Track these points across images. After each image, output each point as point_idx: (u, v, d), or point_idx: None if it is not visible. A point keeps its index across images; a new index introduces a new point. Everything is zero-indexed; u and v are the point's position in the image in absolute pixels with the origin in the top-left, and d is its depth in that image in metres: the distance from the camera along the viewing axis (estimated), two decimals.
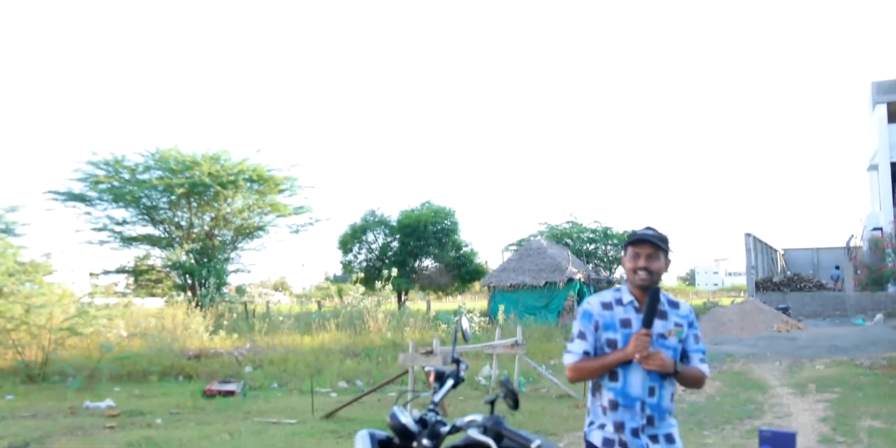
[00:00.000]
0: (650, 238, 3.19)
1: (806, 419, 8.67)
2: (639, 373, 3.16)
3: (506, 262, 27.14)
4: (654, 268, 3.19)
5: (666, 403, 3.20)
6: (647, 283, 3.18)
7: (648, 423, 3.15)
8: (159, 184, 23.77)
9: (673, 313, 3.24)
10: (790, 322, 23.05)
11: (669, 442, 3.20)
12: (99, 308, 15.05)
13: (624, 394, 3.17)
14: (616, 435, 3.17)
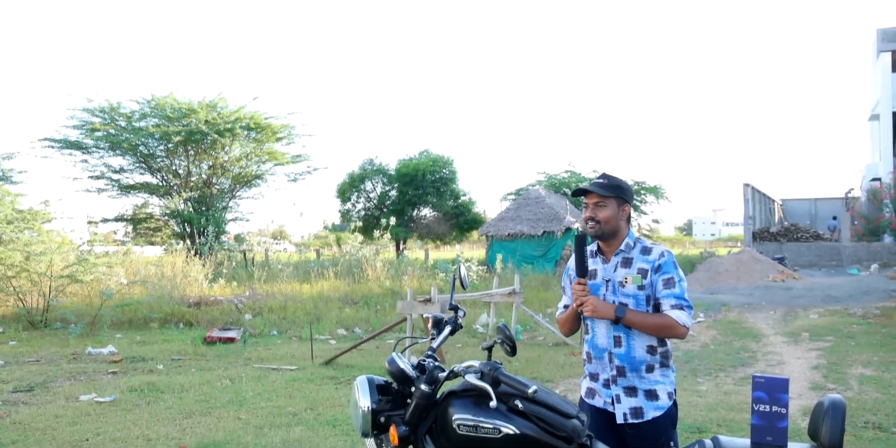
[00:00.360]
0: (591, 188, 3.16)
1: (798, 367, 8.80)
2: (602, 323, 3.16)
3: (504, 212, 27.15)
4: (600, 217, 3.14)
5: (638, 354, 3.10)
6: (597, 232, 3.17)
7: (619, 373, 3.12)
8: (156, 131, 23.58)
9: (640, 260, 3.16)
10: (786, 272, 23.21)
11: (650, 398, 3.10)
12: (98, 256, 15.11)
13: (593, 345, 3.24)
14: (593, 384, 3.28)
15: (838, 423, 2.43)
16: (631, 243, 3.21)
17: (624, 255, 3.19)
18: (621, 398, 3.12)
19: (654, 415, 3.08)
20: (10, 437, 5.96)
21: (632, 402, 3.10)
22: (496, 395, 2.50)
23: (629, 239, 3.21)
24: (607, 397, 3.16)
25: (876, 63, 33.59)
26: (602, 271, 3.20)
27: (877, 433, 5.81)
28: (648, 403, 3.09)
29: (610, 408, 3.15)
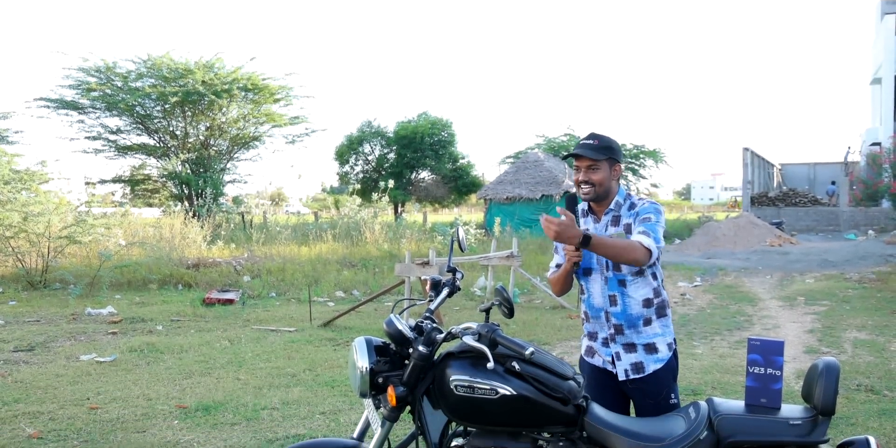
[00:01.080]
0: (582, 152, 3.10)
1: (793, 331, 8.87)
2: (597, 284, 3.16)
3: (502, 175, 27.10)
4: (594, 180, 3.12)
5: (635, 311, 3.10)
6: (591, 196, 3.14)
7: (617, 331, 3.12)
8: (152, 92, 23.38)
9: (627, 215, 3.15)
10: (783, 236, 23.26)
11: (650, 351, 3.11)
12: (96, 217, 15.10)
13: (590, 305, 3.21)
14: (592, 343, 3.25)
15: (832, 385, 2.45)
16: (621, 201, 3.19)
17: (614, 213, 3.18)
18: (621, 355, 3.12)
19: (655, 368, 3.09)
20: (11, 395, 6.02)
21: (631, 357, 3.10)
22: (493, 357, 2.52)
23: (619, 197, 3.19)
24: (607, 356, 3.16)
25: (880, 25, 33.22)
26: (594, 230, 3.17)
27: (869, 395, 5.87)
28: (648, 357, 3.10)
29: (609, 367, 3.16)
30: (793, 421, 2.46)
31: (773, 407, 2.56)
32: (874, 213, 27.76)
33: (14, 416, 5.45)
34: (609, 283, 3.12)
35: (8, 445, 4.80)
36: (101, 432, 5.10)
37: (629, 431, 2.59)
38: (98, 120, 25.22)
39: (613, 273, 3.12)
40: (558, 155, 31.52)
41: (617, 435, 2.58)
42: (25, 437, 4.98)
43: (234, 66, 24.97)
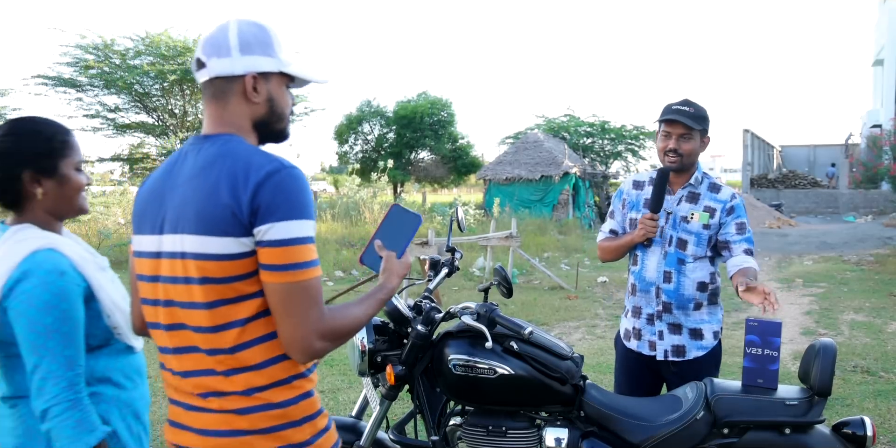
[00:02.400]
0: (681, 119, 2.94)
1: (791, 312, 8.90)
2: (654, 257, 3.04)
3: (502, 155, 27.03)
4: (684, 149, 2.98)
5: (688, 291, 3.00)
6: (678, 165, 3.01)
7: (665, 309, 3.02)
8: (151, 70, 23.25)
9: (708, 197, 3.04)
10: (782, 219, 23.27)
11: (694, 337, 3.02)
12: (95, 195, 15.10)
13: (640, 278, 3.09)
14: (634, 322, 3.13)
15: (828, 366, 2.46)
16: (699, 178, 3.08)
17: (691, 189, 3.07)
18: (664, 335, 3.04)
19: (697, 354, 3.02)
20: None
21: (675, 339, 3.03)
22: (492, 336, 2.53)
23: (698, 173, 3.08)
24: (651, 334, 3.06)
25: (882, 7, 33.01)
26: (665, 203, 3.04)
27: (865, 377, 5.91)
28: (692, 342, 3.02)
29: (647, 350, 3.07)
30: (789, 401, 2.48)
31: (770, 387, 2.57)
32: (874, 196, 27.75)
33: None
34: (668, 259, 3.02)
35: None
36: None
37: (627, 411, 2.61)
38: (96, 98, 25.12)
39: (676, 250, 3.02)
40: (558, 135, 31.46)
41: (614, 414, 2.60)
42: None
43: None
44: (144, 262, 1.67)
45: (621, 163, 33.93)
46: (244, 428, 1.58)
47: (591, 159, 32.07)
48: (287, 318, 1.54)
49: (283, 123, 1.74)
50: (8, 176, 1.87)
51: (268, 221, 1.51)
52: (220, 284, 1.55)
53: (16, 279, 1.77)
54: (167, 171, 1.68)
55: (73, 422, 1.72)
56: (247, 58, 1.63)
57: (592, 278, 11.66)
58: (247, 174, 1.52)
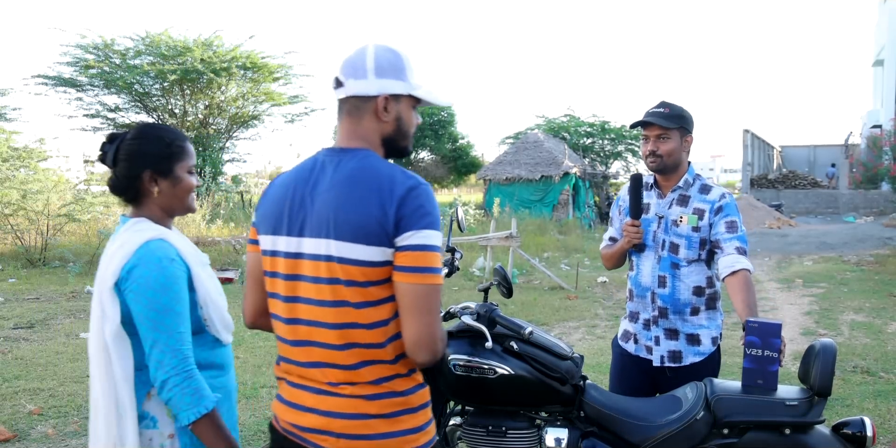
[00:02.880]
0: (652, 120, 2.94)
1: (791, 313, 8.90)
2: (649, 262, 3.03)
3: (502, 155, 27.02)
4: (663, 150, 2.96)
5: (683, 296, 2.97)
6: (658, 167, 2.99)
7: (661, 314, 2.99)
8: (151, 69, 23.23)
9: (698, 199, 3.00)
10: (782, 219, 23.27)
11: (692, 342, 2.98)
12: (95, 195, 15.07)
13: (636, 283, 3.09)
14: (632, 326, 3.12)
15: (828, 367, 2.46)
16: (690, 180, 3.04)
17: (682, 191, 3.03)
18: (660, 340, 3.01)
19: (693, 360, 2.98)
20: (12, 372, 6.05)
21: (671, 345, 2.99)
22: (492, 336, 2.53)
23: (689, 175, 3.04)
24: (647, 340, 3.04)
25: (883, 7, 33.00)
26: (656, 206, 3.05)
27: (865, 377, 5.91)
28: (689, 348, 2.98)
29: (644, 353, 3.05)
30: (789, 402, 2.48)
31: (770, 388, 2.57)
32: (873, 196, 27.74)
33: (14, 393, 5.48)
34: (661, 263, 3.00)
35: (9, 421, 4.84)
36: None
37: (627, 411, 2.61)
38: (96, 97, 25.10)
39: (669, 254, 2.99)
40: (558, 136, 31.45)
41: (614, 415, 2.60)
42: (26, 414, 5.01)
43: (233, 44, 24.80)
44: (279, 261, 1.84)
45: (621, 163, 33.93)
46: (371, 412, 1.77)
47: (592, 159, 32.07)
48: (417, 316, 1.73)
49: (407, 141, 1.93)
50: (131, 174, 2.14)
51: (409, 230, 1.70)
52: (362, 288, 1.73)
53: (133, 264, 1.99)
54: (303, 177, 1.85)
55: (190, 390, 1.93)
56: (381, 81, 1.82)
57: (592, 278, 11.67)
58: (392, 189, 1.72)
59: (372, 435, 1.76)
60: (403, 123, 1.88)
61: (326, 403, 1.79)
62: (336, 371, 1.78)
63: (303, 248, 1.79)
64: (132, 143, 2.15)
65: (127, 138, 2.17)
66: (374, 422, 1.76)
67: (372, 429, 1.76)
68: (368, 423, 1.76)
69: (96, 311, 2.03)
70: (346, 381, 1.78)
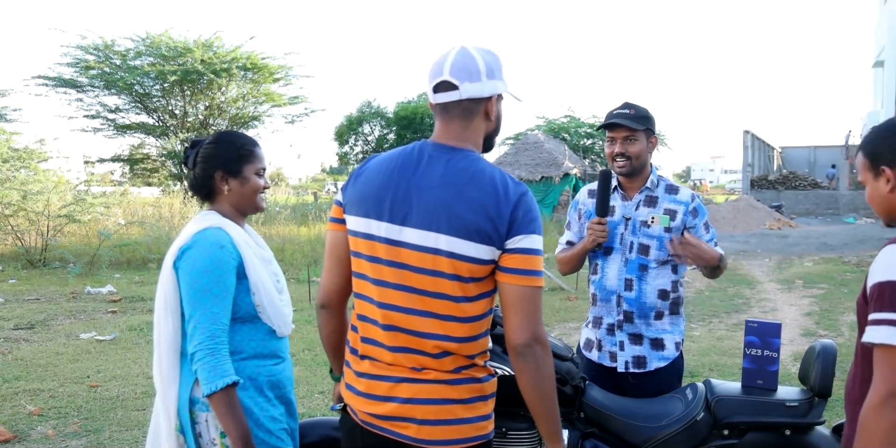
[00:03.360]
0: (621, 121, 2.90)
1: (791, 313, 8.90)
2: (615, 265, 2.97)
3: (502, 156, 27.02)
4: (631, 152, 2.92)
5: (649, 299, 2.93)
6: (627, 170, 2.95)
7: (626, 319, 2.95)
8: (151, 70, 23.26)
9: (667, 199, 2.97)
10: (782, 220, 23.27)
11: (655, 347, 2.94)
12: (96, 196, 15.09)
13: (601, 286, 3.02)
14: (594, 333, 3.07)
15: (828, 367, 2.46)
16: (655, 180, 3.01)
17: (648, 192, 3.00)
18: (625, 345, 2.96)
19: (658, 365, 2.94)
20: (12, 372, 6.05)
21: (635, 350, 2.95)
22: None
23: (653, 176, 3.02)
24: (611, 345, 2.99)
25: (883, 8, 33.00)
26: (622, 208, 3.00)
27: None
28: (653, 353, 2.95)
29: (608, 361, 3.00)
30: (789, 403, 2.48)
31: (770, 388, 2.57)
32: None
33: (15, 394, 5.48)
34: (629, 266, 2.95)
35: (9, 422, 4.84)
36: (102, 410, 5.13)
37: (627, 412, 2.61)
38: (97, 98, 25.16)
39: (638, 256, 2.94)
40: (559, 136, 31.44)
41: (614, 416, 2.60)
42: (26, 414, 5.01)
43: (233, 45, 24.86)
44: (378, 246, 1.88)
45: None
46: (453, 397, 1.85)
47: (592, 160, 32.05)
48: (521, 316, 1.80)
49: (497, 136, 2.04)
50: (206, 174, 2.36)
51: (521, 233, 1.79)
52: (464, 283, 1.81)
53: (187, 246, 2.21)
54: (408, 167, 1.89)
55: (209, 366, 2.09)
56: (491, 82, 1.90)
57: None
58: (507, 193, 1.81)
59: (452, 420, 1.83)
60: (500, 120, 2.00)
61: (409, 390, 1.85)
62: (421, 357, 1.85)
63: (405, 237, 1.84)
64: (208, 147, 2.38)
65: (205, 143, 2.41)
66: (455, 407, 1.84)
67: (453, 414, 1.83)
68: (450, 409, 1.83)
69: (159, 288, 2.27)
70: (430, 367, 1.85)
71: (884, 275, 1.70)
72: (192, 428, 2.21)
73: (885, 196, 1.86)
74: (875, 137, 1.87)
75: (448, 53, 1.91)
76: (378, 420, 1.88)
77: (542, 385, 1.82)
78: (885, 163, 1.83)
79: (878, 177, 1.86)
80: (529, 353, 1.79)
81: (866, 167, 1.89)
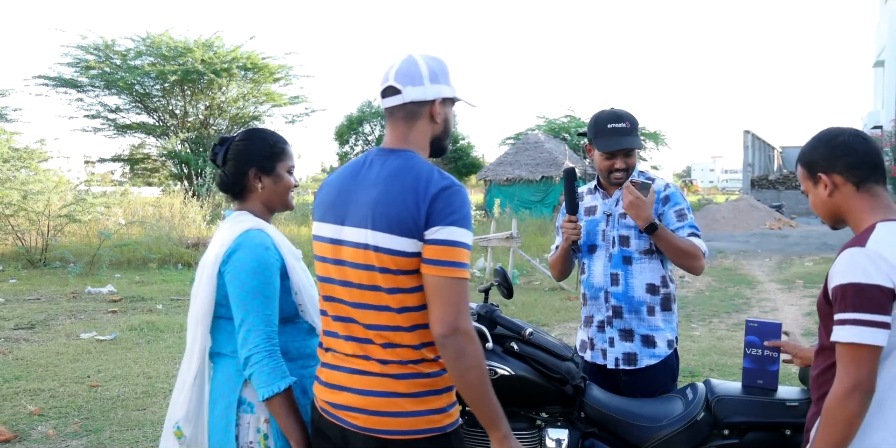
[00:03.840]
0: (631, 144, 2.94)
1: (791, 313, 8.90)
2: (600, 261, 2.99)
3: (502, 156, 27.04)
4: (630, 165, 2.99)
5: (637, 294, 2.92)
6: (624, 180, 2.97)
7: (615, 314, 2.95)
8: (151, 70, 23.25)
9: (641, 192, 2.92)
10: (783, 220, 23.28)
11: (647, 344, 2.92)
12: (96, 196, 15.08)
13: (589, 285, 3.05)
14: (586, 332, 3.07)
15: None
16: (635, 176, 3.01)
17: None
18: (615, 342, 2.95)
19: (649, 363, 2.92)
20: (12, 372, 6.05)
21: (626, 346, 2.93)
22: (492, 337, 2.53)
23: (633, 171, 3.03)
24: (602, 342, 2.99)
25: (884, 8, 32.99)
26: (602, 206, 3.03)
27: None
28: (644, 350, 2.92)
29: (599, 359, 3.00)
30: (789, 402, 2.48)
31: (770, 388, 2.57)
32: None
33: (15, 394, 5.48)
34: (613, 260, 2.96)
35: (10, 422, 4.84)
36: (102, 410, 5.14)
37: (627, 412, 2.61)
38: (97, 98, 25.15)
39: (620, 248, 2.95)
40: (559, 136, 31.46)
41: (615, 415, 2.60)
42: (27, 414, 5.01)
43: (233, 45, 24.85)
44: (326, 246, 2.01)
45: None
46: (399, 391, 1.89)
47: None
48: (440, 307, 1.82)
49: (450, 139, 2.12)
50: (239, 172, 2.34)
51: (438, 224, 1.83)
52: (394, 275, 1.86)
53: (233, 249, 2.20)
54: (354, 172, 2.02)
55: (269, 368, 2.08)
56: (435, 86, 1.98)
57: None
58: (427, 187, 1.86)
59: (400, 412, 1.88)
60: (448, 124, 2.07)
61: (360, 382, 1.92)
62: (369, 346, 1.91)
63: (344, 236, 1.95)
64: (239, 144, 2.37)
65: (235, 140, 2.39)
66: (402, 400, 1.88)
67: (400, 407, 1.88)
68: (397, 402, 1.88)
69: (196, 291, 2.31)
70: (378, 359, 1.91)
71: (844, 277, 1.83)
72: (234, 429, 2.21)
73: (825, 201, 2.03)
74: (808, 149, 2.04)
75: (395, 61, 2.03)
76: (333, 409, 1.96)
77: (466, 375, 1.83)
78: (820, 170, 2.00)
79: (817, 184, 2.02)
80: (450, 344, 1.80)
81: (805, 176, 2.06)
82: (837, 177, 1.97)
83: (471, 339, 1.83)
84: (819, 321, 2.01)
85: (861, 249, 1.84)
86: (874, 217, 1.94)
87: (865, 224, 1.95)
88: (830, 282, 1.89)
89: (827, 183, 1.99)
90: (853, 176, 1.96)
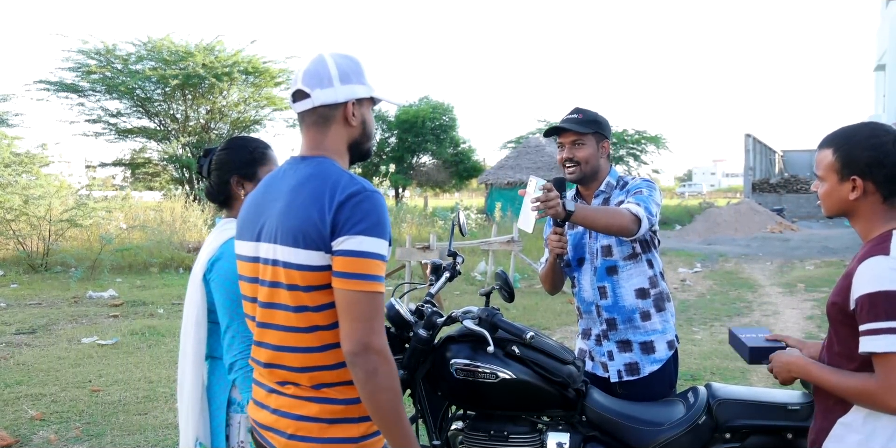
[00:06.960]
0: (565, 125, 2.85)
1: (793, 317, 8.89)
2: (587, 276, 2.94)
3: (503, 160, 27.07)
4: (579, 157, 2.87)
5: (627, 302, 2.87)
6: (577, 176, 2.91)
7: (610, 327, 2.91)
8: (153, 75, 23.27)
9: (619, 195, 2.90)
10: (784, 223, 23.27)
11: (647, 351, 2.88)
12: (97, 200, 15.10)
13: (581, 299, 3.01)
14: (585, 343, 3.05)
15: None
16: (613, 182, 2.95)
17: (605, 195, 2.94)
18: (614, 354, 2.91)
19: (652, 369, 2.88)
20: (14, 377, 6.05)
21: (626, 357, 2.89)
22: (493, 341, 2.52)
23: (610, 177, 2.96)
24: (601, 356, 2.96)
25: (885, 11, 33.01)
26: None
27: None
28: (645, 357, 2.88)
29: (600, 371, 2.96)
30: (791, 406, 2.47)
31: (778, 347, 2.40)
32: None
33: (17, 398, 5.48)
34: (598, 273, 2.90)
35: (11, 427, 4.84)
36: (103, 414, 5.13)
37: (628, 416, 2.61)
38: (98, 103, 25.15)
39: (603, 259, 2.88)
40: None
41: (616, 419, 2.59)
42: (28, 419, 5.01)
43: (234, 49, 24.86)
44: (245, 265, 1.91)
45: (623, 167, 33.95)
46: (310, 415, 1.79)
47: None
48: (349, 323, 1.69)
49: (371, 142, 1.98)
50: (221, 180, 2.38)
51: (344, 234, 1.70)
52: (303, 292, 1.74)
53: (216, 257, 2.25)
54: (268, 185, 1.92)
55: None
56: (346, 87, 1.85)
57: None
58: (333, 194, 1.72)
59: (311, 438, 1.79)
60: (367, 126, 1.93)
61: (276, 401, 1.85)
62: (283, 372, 1.82)
63: (259, 253, 1.84)
64: (221, 154, 2.41)
65: (217, 150, 2.44)
66: (312, 425, 1.78)
67: (309, 432, 1.78)
68: (306, 426, 1.79)
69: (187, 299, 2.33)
70: (291, 382, 1.82)
71: (872, 286, 1.78)
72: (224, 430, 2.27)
73: (844, 199, 1.94)
74: (853, 146, 1.90)
75: (304, 62, 1.90)
76: (258, 427, 1.91)
77: (377, 397, 1.69)
78: (857, 173, 1.89)
79: (844, 181, 1.91)
80: (360, 363, 1.67)
81: (834, 168, 1.93)
82: (871, 185, 1.89)
83: (384, 358, 1.69)
84: (830, 326, 1.98)
85: (886, 258, 1.81)
86: (888, 225, 1.91)
87: (878, 231, 1.92)
88: (855, 291, 1.84)
89: (859, 187, 1.89)
90: (886, 189, 1.89)
